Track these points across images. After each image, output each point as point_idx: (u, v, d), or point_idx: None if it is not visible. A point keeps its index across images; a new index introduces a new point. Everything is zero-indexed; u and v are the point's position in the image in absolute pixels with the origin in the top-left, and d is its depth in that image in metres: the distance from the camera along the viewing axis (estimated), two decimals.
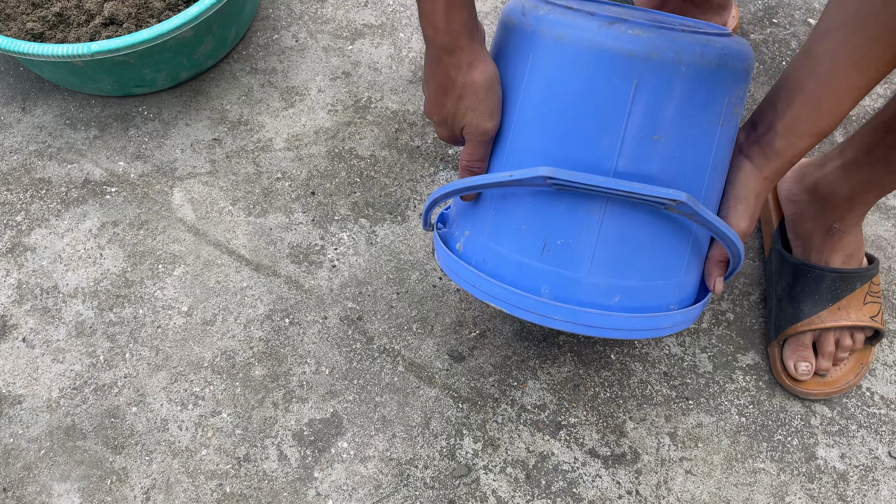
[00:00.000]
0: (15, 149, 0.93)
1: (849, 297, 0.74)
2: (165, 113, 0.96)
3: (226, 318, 0.82)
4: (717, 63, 0.52)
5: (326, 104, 0.96)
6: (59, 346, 0.81)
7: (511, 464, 0.74)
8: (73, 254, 0.86)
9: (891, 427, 0.76)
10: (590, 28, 0.51)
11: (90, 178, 0.91)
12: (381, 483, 0.73)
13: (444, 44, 0.51)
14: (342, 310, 0.82)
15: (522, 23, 0.54)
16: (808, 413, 0.76)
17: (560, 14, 0.53)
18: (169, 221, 0.88)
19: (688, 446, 0.75)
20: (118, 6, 0.90)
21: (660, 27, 0.52)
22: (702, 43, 0.52)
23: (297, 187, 0.90)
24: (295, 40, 1.01)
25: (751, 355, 0.79)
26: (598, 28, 0.51)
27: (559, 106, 0.54)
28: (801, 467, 0.74)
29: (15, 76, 1.00)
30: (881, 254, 0.85)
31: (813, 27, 0.54)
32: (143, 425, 0.76)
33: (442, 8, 0.49)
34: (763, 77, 0.97)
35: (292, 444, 0.75)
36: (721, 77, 0.53)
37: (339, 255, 0.85)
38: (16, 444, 0.76)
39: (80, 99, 0.97)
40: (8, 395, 0.78)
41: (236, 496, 0.73)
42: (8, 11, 0.91)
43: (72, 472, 0.74)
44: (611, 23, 0.51)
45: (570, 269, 0.57)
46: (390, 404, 0.77)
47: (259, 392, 0.78)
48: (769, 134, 0.56)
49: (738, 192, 0.58)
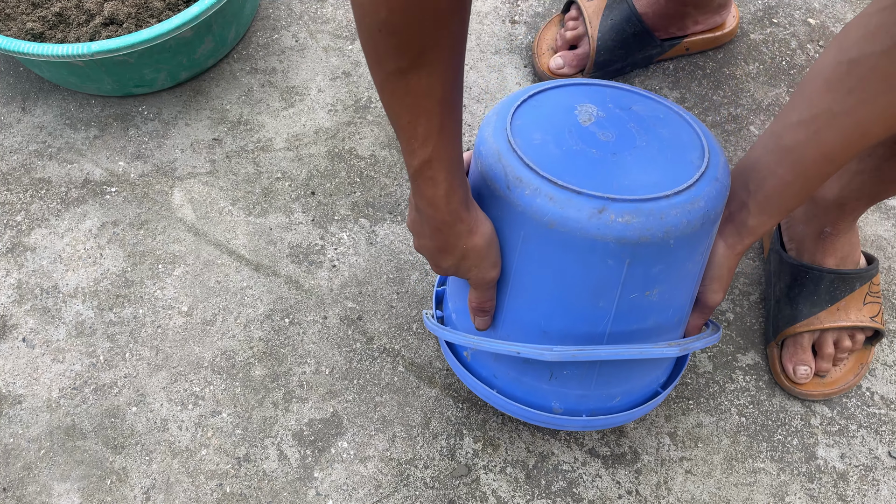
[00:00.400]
0: (15, 149, 0.93)
1: (848, 297, 0.74)
2: (165, 113, 0.96)
3: (226, 318, 0.82)
4: (702, 222, 0.54)
5: (326, 104, 0.96)
6: (59, 346, 0.81)
7: (511, 464, 0.74)
8: (73, 254, 0.86)
9: (891, 427, 0.76)
10: (580, 219, 0.52)
11: (90, 178, 0.91)
12: (381, 483, 0.73)
13: (444, 220, 0.52)
14: (342, 310, 0.82)
15: (509, 198, 0.54)
16: (808, 413, 0.76)
17: (547, 199, 0.52)
18: (169, 221, 0.88)
19: (688, 446, 0.75)
20: (118, 6, 0.90)
21: (648, 201, 0.52)
22: (687, 211, 0.53)
23: (297, 187, 0.90)
24: (295, 40, 1.01)
25: (751, 355, 0.79)
26: (588, 219, 0.52)
27: (554, 279, 0.57)
28: (801, 467, 0.74)
29: (15, 76, 1.00)
30: (881, 254, 0.85)
31: (782, 110, 0.55)
32: (143, 425, 0.76)
33: (443, 192, 0.50)
34: (763, 77, 0.97)
35: (292, 444, 0.75)
36: (705, 229, 0.55)
37: (339, 255, 0.85)
38: (16, 444, 0.76)
39: (80, 99, 0.97)
40: (8, 395, 0.78)
41: (236, 496, 0.73)
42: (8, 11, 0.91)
43: (72, 472, 0.74)
44: (600, 210, 0.51)
45: (576, 390, 0.64)
46: (390, 404, 0.77)
47: (259, 392, 0.78)
48: (742, 212, 0.58)
49: (713, 272, 0.61)
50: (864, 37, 0.47)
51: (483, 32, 1.01)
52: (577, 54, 0.94)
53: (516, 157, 0.54)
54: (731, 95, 0.96)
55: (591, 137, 0.57)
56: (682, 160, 0.56)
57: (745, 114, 0.94)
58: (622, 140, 0.57)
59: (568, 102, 0.60)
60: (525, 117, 0.58)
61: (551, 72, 0.95)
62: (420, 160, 0.48)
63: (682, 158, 0.56)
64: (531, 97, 0.60)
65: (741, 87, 0.96)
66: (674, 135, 0.58)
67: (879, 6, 0.47)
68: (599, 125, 0.58)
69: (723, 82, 0.97)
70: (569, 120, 0.58)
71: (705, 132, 0.59)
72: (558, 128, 0.57)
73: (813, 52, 0.99)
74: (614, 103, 0.60)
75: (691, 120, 0.59)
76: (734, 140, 0.92)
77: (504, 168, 0.54)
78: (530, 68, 0.98)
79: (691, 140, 0.58)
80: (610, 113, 0.59)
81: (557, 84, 0.62)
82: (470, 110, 0.94)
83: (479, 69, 0.98)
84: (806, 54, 0.99)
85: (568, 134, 0.57)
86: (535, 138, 0.56)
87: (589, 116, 0.58)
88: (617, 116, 0.59)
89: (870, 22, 0.47)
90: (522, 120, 0.58)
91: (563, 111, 0.59)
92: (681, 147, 0.57)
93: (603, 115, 0.59)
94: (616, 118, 0.59)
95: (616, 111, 0.59)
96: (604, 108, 0.59)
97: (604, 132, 0.57)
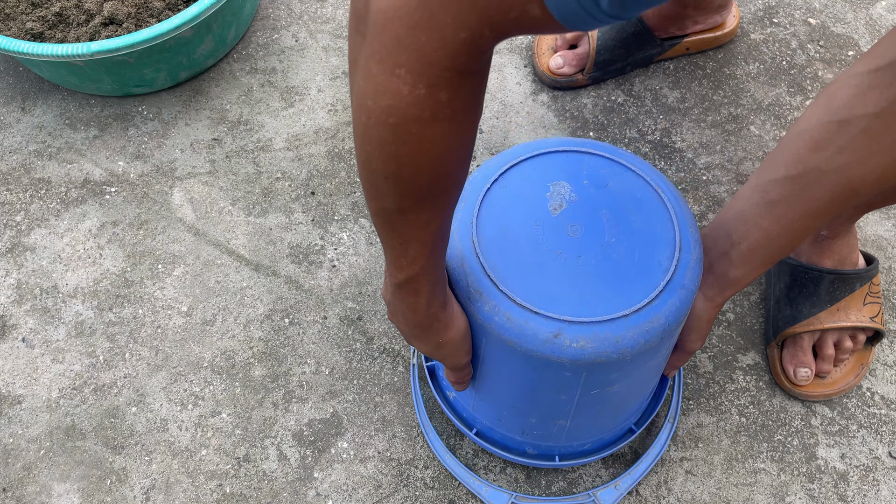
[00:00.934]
0: (15, 149, 0.93)
1: (848, 298, 0.74)
2: (165, 113, 0.96)
3: (225, 318, 0.82)
4: (661, 337, 0.54)
5: (326, 104, 0.96)
6: (59, 346, 0.81)
7: (511, 464, 0.74)
8: (73, 254, 0.86)
9: (891, 427, 0.76)
10: (536, 342, 0.52)
11: (90, 178, 0.91)
12: (381, 483, 0.73)
13: (421, 321, 0.53)
14: (342, 310, 0.82)
15: (469, 308, 0.55)
16: (808, 413, 0.76)
17: (504, 318, 0.53)
18: (169, 221, 0.88)
19: (688, 446, 0.75)
20: (118, 6, 0.90)
21: (604, 323, 0.52)
22: (645, 331, 0.52)
23: (297, 187, 0.90)
24: (295, 40, 1.01)
25: (751, 355, 0.79)
26: (544, 343, 0.52)
27: (517, 377, 0.59)
28: (802, 467, 0.74)
29: (15, 76, 0.99)
30: (881, 254, 0.85)
31: (765, 163, 0.55)
32: (143, 425, 0.76)
33: (425, 301, 0.51)
34: (763, 77, 0.97)
35: (292, 444, 0.75)
36: (664, 340, 0.55)
37: (339, 255, 0.85)
38: (16, 444, 0.76)
39: (80, 99, 0.97)
40: (8, 395, 0.78)
41: (236, 496, 0.73)
42: (8, 11, 0.91)
43: (72, 472, 0.74)
44: (555, 335, 0.52)
45: (547, 442, 0.68)
46: (390, 404, 0.77)
47: (259, 392, 0.78)
48: (723, 263, 0.58)
49: (692, 324, 0.61)
50: (855, 97, 0.47)
51: None
52: (578, 53, 0.93)
53: (478, 263, 0.54)
54: (731, 95, 0.96)
55: (559, 233, 0.56)
56: (650, 262, 0.55)
57: (745, 114, 0.94)
58: (590, 235, 0.56)
59: (542, 179, 0.58)
60: (495, 203, 0.57)
61: (551, 71, 0.95)
62: (406, 275, 0.48)
63: (649, 259, 0.55)
64: (505, 173, 0.59)
65: (741, 87, 0.96)
66: (646, 225, 0.56)
67: (870, 66, 0.46)
68: (569, 215, 0.57)
69: (723, 82, 0.97)
70: (539, 207, 0.57)
71: (681, 216, 0.57)
72: (526, 219, 0.56)
73: (813, 51, 0.99)
74: (590, 179, 0.58)
75: (669, 198, 0.57)
76: (734, 140, 0.92)
77: (466, 276, 0.54)
78: (530, 68, 0.98)
79: (664, 232, 0.56)
80: (583, 194, 0.58)
81: (533, 153, 0.60)
82: None
83: None
84: (806, 54, 0.99)
85: (535, 227, 0.56)
86: (500, 236, 0.56)
87: (560, 202, 0.57)
88: (590, 199, 0.57)
89: (861, 82, 0.47)
90: (492, 207, 0.57)
91: (534, 193, 0.58)
92: (651, 243, 0.55)
93: (575, 197, 0.57)
94: (588, 202, 0.57)
95: (590, 190, 0.58)
96: (578, 186, 0.58)
97: (572, 225, 0.56)
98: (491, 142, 0.92)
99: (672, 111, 0.95)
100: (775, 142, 0.92)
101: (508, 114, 0.94)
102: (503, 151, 0.61)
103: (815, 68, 0.97)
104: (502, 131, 0.93)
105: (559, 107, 0.95)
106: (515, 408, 0.64)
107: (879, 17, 1.02)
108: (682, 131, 0.93)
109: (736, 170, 0.90)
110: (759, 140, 0.92)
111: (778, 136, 0.92)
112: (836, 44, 0.99)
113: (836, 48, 0.99)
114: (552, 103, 0.95)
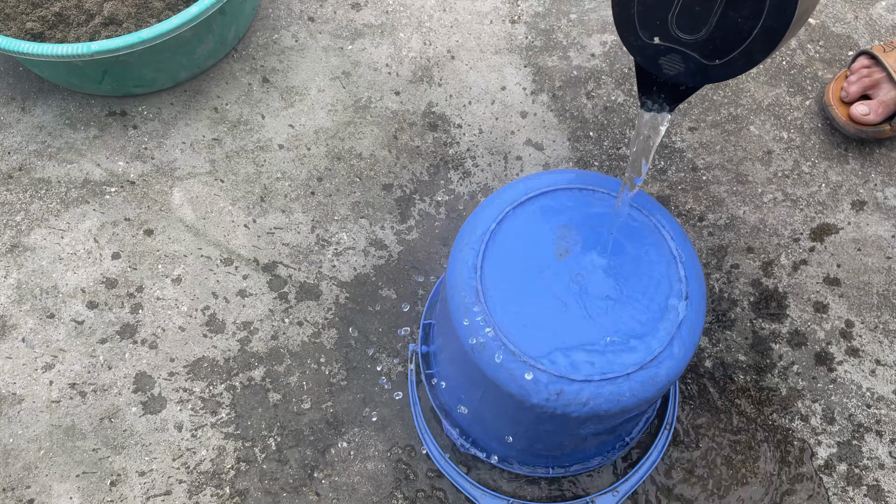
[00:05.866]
0: (15, 149, 0.93)
1: None
2: (165, 113, 0.96)
3: (225, 318, 0.82)
4: (660, 390, 0.54)
5: (326, 104, 0.96)
6: (59, 346, 0.81)
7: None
8: (73, 254, 0.86)
9: (891, 427, 0.76)
10: (538, 399, 0.52)
11: (90, 178, 0.91)
12: (381, 483, 0.73)
13: None
14: (342, 310, 0.82)
15: (473, 358, 0.54)
16: (808, 413, 0.76)
17: (508, 374, 0.52)
18: (169, 221, 0.88)
19: (688, 446, 0.75)
20: (118, 6, 0.90)
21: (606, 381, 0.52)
22: (646, 389, 0.53)
23: (296, 187, 0.90)
24: (295, 40, 1.01)
25: (751, 355, 0.79)
26: (546, 400, 0.52)
27: (513, 416, 0.59)
28: (802, 467, 0.74)
29: (15, 76, 0.99)
30: (881, 254, 0.85)
31: None
32: (143, 425, 0.76)
33: None
34: (763, 77, 0.97)
35: (292, 444, 0.75)
36: (662, 390, 0.55)
37: (339, 256, 0.85)
38: (16, 444, 0.76)
39: (80, 99, 0.97)
40: (8, 395, 0.78)
41: (236, 496, 0.73)
42: (7, 11, 0.91)
43: (72, 472, 0.74)
44: (558, 393, 0.52)
45: (541, 462, 0.70)
46: (390, 405, 0.77)
47: (259, 392, 0.78)
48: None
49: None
50: None
51: (483, 32, 1.01)
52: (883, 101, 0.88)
53: (483, 315, 0.53)
54: (731, 95, 0.96)
55: (564, 281, 0.55)
56: (653, 316, 0.54)
57: (746, 114, 0.94)
58: (595, 286, 0.55)
59: (548, 221, 0.57)
60: (499, 246, 0.56)
61: (854, 120, 0.89)
62: None
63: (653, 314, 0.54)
64: (511, 211, 0.57)
65: (741, 87, 0.96)
66: (651, 274, 0.56)
67: None
68: (575, 262, 0.56)
69: (723, 82, 0.97)
70: (545, 253, 0.56)
71: (689, 264, 0.56)
72: (532, 265, 0.56)
73: (813, 51, 0.99)
74: (597, 221, 0.57)
75: (677, 246, 0.56)
76: (734, 140, 0.92)
77: (471, 326, 0.54)
78: (530, 68, 0.98)
79: (670, 284, 0.55)
80: (589, 239, 0.57)
81: (539, 191, 0.59)
82: (470, 110, 0.94)
83: (480, 69, 0.98)
84: (806, 54, 0.99)
85: (540, 276, 0.55)
86: (505, 283, 0.55)
87: (566, 248, 0.56)
88: (595, 244, 0.57)
89: None
90: (496, 251, 0.56)
91: (540, 236, 0.57)
92: (655, 296, 0.55)
93: (581, 241, 0.56)
94: (594, 247, 0.56)
95: (596, 234, 0.57)
96: (584, 230, 0.57)
97: (578, 273, 0.55)
98: (491, 142, 0.92)
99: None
100: (775, 142, 0.92)
101: (508, 114, 0.94)
102: (509, 185, 0.60)
103: (815, 68, 0.97)
104: (502, 131, 0.93)
105: (559, 107, 0.95)
106: (513, 442, 0.65)
107: (879, 17, 1.02)
108: (682, 131, 0.93)
109: (736, 170, 0.90)
110: (759, 140, 0.92)
111: (778, 136, 0.93)
112: (835, 44, 0.99)
113: (836, 48, 0.99)
114: (552, 103, 0.95)
